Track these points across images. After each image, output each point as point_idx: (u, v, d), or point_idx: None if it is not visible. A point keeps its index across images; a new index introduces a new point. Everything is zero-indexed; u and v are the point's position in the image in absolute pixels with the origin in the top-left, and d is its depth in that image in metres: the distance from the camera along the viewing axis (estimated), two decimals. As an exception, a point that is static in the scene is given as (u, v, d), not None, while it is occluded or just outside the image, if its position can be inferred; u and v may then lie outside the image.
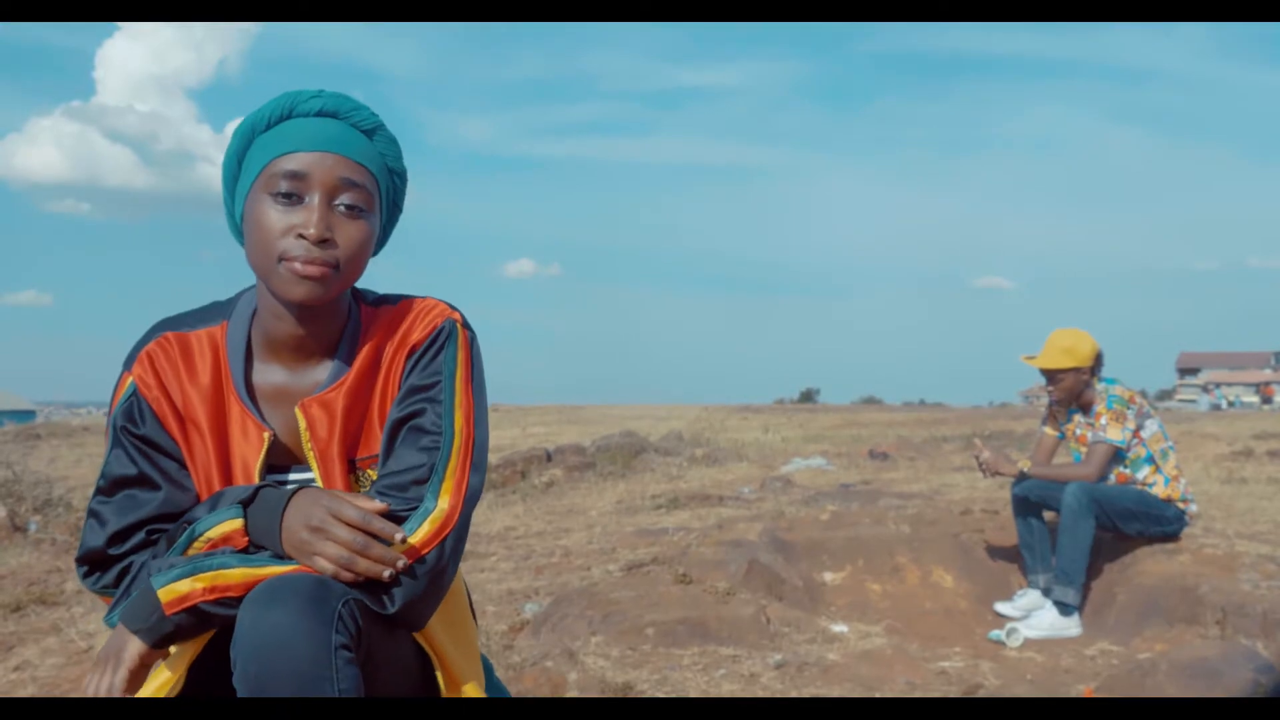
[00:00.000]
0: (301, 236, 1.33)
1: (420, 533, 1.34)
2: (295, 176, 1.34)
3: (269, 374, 1.45)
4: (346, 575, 1.27)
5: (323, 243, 1.33)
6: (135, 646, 1.31)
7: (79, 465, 13.65)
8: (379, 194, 1.40)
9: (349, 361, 1.43)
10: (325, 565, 1.27)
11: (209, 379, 1.43)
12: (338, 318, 1.43)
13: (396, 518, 1.34)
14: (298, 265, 1.33)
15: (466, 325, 1.47)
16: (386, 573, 1.27)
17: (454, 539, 1.36)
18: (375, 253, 1.47)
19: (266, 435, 1.41)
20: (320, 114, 1.38)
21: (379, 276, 1.53)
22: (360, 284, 1.50)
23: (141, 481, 1.41)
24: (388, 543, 1.29)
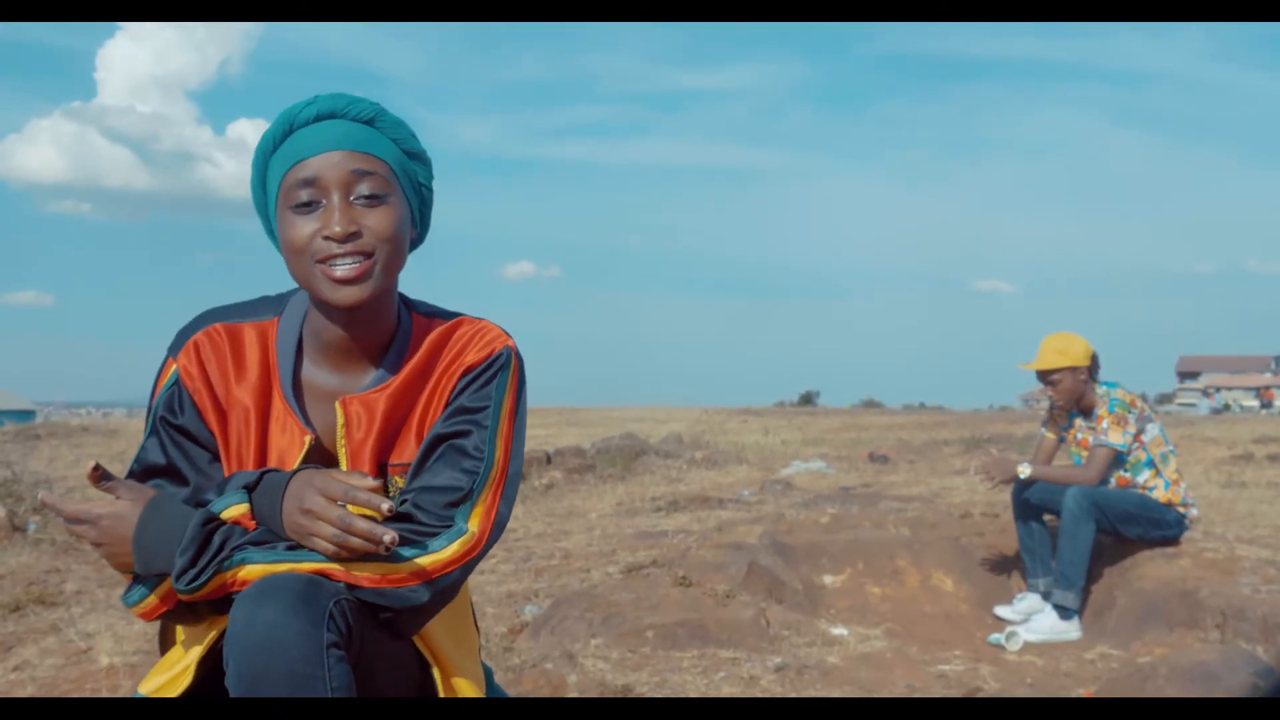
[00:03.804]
0: (328, 238, 1.34)
1: (448, 550, 1.35)
2: (309, 183, 1.35)
3: (317, 374, 1.46)
4: (345, 554, 1.27)
5: (350, 237, 1.34)
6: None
7: (78, 465, 13.61)
8: (398, 178, 1.41)
9: (396, 368, 1.44)
10: (323, 546, 1.27)
11: (256, 374, 1.44)
12: (385, 323, 1.44)
13: (425, 532, 1.35)
14: (334, 269, 1.34)
15: (518, 355, 1.48)
16: (382, 545, 1.24)
17: (475, 563, 1.38)
18: (419, 240, 1.48)
19: (308, 438, 1.42)
20: (318, 119, 1.39)
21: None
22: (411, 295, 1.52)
23: (170, 473, 1.42)
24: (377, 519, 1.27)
